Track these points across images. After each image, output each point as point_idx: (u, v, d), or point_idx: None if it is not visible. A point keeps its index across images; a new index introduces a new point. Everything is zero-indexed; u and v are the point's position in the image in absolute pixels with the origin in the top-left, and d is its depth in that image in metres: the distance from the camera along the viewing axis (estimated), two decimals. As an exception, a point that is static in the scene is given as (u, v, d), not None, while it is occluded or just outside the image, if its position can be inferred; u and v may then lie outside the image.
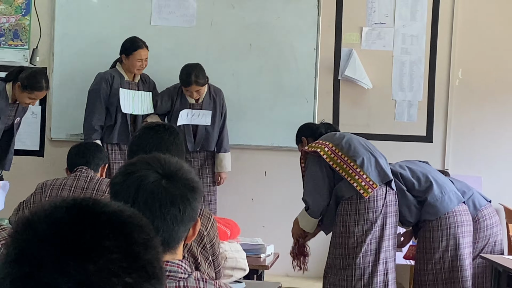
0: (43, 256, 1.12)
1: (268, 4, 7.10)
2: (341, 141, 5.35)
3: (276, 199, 7.23)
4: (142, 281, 1.16)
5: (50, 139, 7.17)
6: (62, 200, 1.20)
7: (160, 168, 2.11)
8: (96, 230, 1.15)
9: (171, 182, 2.09)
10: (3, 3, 7.09)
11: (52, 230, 1.14)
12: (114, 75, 6.69)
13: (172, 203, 2.06)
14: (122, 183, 2.11)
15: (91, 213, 1.18)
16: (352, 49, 7.16)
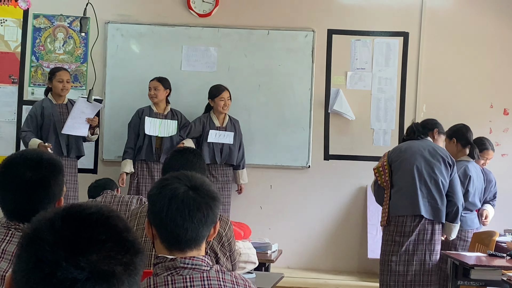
0: (57, 259, 1.14)
1: (272, 54, 7.06)
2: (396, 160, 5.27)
3: (280, 207, 7.17)
4: (133, 258, 1.20)
5: (102, 160, 7.14)
6: (55, 212, 1.21)
7: (188, 182, 2.10)
8: (91, 229, 1.18)
9: (197, 193, 2.08)
10: (65, 53, 7.09)
11: (58, 238, 1.17)
12: (144, 109, 6.66)
13: (198, 209, 2.06)
14: (158, 194, 2.10)
15: (82, 217, 1.20)
16: (339, 89, 7.10)
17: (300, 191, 7.15)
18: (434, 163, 5.16)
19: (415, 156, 5.18)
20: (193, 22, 7.09)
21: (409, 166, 5.16)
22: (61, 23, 7.09)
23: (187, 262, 2.02)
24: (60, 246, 1.15)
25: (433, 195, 5.11)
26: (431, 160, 5.16)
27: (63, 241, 1.16)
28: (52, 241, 1.16)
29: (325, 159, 7.17)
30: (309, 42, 7.08)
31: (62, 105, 6.39)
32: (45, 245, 1.16)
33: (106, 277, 1.16)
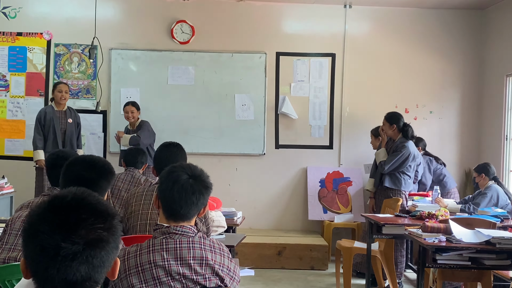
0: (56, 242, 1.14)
1: (236, 71, 6.96)
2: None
3: (243, 184, 7.10)
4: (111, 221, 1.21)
5: (109, 152, 6.96)
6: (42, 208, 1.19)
7: (190, 172, 2.06)
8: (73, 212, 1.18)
9: (195, 181, 2.04)
10: (80, 72, 6.95)
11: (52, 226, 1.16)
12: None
13: (192, 193, 2.02)
14: (166, 177, 2.05)
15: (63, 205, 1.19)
16: (285, 96, 7.04)
17: (258, 172, 7.07)
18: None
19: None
20: (176, 48, 6.99)
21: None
22: (75, 50, 6.96)
23: (178, 229, 1.99)
24: (56, 232, 1.14)
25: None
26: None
27: (56, 228, 1.15)
28: (48, 230, 1.14)
29: (276, 148, 7.10)
30: (263, 62, 7.03)
31: (61, 111, 6.17)
32: (44, 235, 1.14)
33: (96, 242, 1.16)
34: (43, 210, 1.17)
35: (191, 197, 2.00)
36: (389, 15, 7.09)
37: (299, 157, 7.05)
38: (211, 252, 2.00)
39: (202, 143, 6.92)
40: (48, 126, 6.00)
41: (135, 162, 4.66)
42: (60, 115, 6.10)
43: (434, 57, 7.10)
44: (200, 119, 6.93)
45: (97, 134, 6.93)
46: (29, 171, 6.35)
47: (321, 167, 7.01)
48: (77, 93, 6.96)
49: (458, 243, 3.69)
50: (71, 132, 6.13)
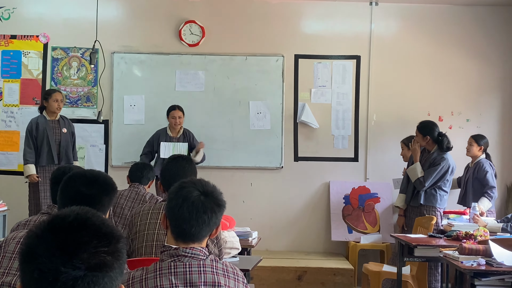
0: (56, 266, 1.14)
1: (250, 75, 6.98)
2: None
3: (259, 201, 7.08)
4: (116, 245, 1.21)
5: (111, 166, 7.00)
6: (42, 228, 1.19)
7: (201, 188, 2.06)
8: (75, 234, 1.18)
9: (206, 198, 2.04)
10: (79, 79, 7.01)
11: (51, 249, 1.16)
12: (160, 133, 6.47)
13: (204, 211, 2.02)
14: (175, 193, 2.05)
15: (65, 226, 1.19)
16: (305, 103, 7.04)
17: (275, 187, 7.04)
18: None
19: None
20: (184, 51, 7.00)
21: None
22: (75, 54, 7.01)
23: (187, 251, 1.99)
24: (55, 256, 1.14)
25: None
26: None
27: (56, 251, 1.15)
28: (47, 253, 1.14)
29: (295, 161, 7.07)
30: (280, 65, 7.01)
31: (55, 121, 6.18)
32: (43, 258, 1.14)
33: (99, 268, 1.15)
34: (42, 231, 1.18)
35: (203, 215, 2.00)
36: (419, 12, 7.08)
37: (321, 170, 7.03)
38: (224, 277, 2.00)
39: (213, 155, 6.89)
40: (41, 137, 6.02)
41: (141, 177, 4.66)
42: (53, 125, 6.12)
43: (470, 59, 7.08)
44: (211, 129, 6.93)
45: (98, 146, 6.97)
46: (23, 187, 6.37)
47: (345, 182, 6.99)
48: (76, 101, 7.02)
49: (499, 267, 3.69)
50: (66, 143, 6.15)
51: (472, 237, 4.48)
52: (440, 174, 5.38)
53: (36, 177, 5.86)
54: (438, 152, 5.46)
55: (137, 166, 4.80)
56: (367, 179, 7.01)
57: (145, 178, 4.70)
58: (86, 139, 6.90)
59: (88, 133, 6.93)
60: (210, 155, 6.84)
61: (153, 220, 3.00)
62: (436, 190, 5.42)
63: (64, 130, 6.16)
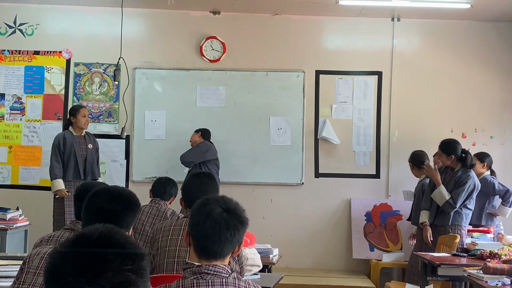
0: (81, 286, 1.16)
1: (270, 91, 6.95)
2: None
3: (279, 218, 7.00)
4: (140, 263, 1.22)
5: (132, 181, 6.98)
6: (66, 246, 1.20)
7: (224, 205, 2.05)
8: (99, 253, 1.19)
9: (229, 215, 2.03)
10: (101, 94, 7.03)
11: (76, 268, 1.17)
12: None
13: (227, 229, 2.01)
14: (198, 210, 2.05)
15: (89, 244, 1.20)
16: (326, 119, 6.99)
17: (295, 203, 6.98)
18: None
19: None
20: (205, 66, 6.99)
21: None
22: (97, 69, 7.01)
23: (210, 269, 1.97)
24: (80, 275, 1.15)
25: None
26: None
27: (81, 270, 1.15)
28: (73, 272, 1.15)
29: (315, 177, 7.03)
30: (301, 81, 6.98)
31: (81, 137, 6.19)
32: (68, 277, 1.15)
33: (124, 286, 1.16)
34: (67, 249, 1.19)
35: (225, 233, 2.00)
36: (441, 28, 7.03)
37: (342, 187, 6.97)
38: None
39: (233, 171, 6.87)
40: (68, 153, 6.02)
41: (163, 192, 4.60)
42: (80, 141, 6.14)
43: (493, 75, 7.01)
44: (231, 144, 6.90)
45: (119, 161, 6.96)
46: (45, 201, 6.36)
47: (366, 199, 6.93)
48: (98, 117, 7.02)
49: (525, 287, 3.63)
50: (92, 159, 6.16)
51: (497, 256, 4.42)
52: (468, 193, 5.31)
53: (66, 192, 5.86)
54: (463, 170, 5.38)
55: (160, 181, 4.71)
56: (389, 196, 6.93)
57: (168, 194, 4.64)
58: (107, 154, 6.88)
59: (109, 148, 6.92)
60: (231, 170, 6.83)
61: (175, 236, 2.99)
62: (462, 208, 5.34)
63: (90, 146, 6.17)
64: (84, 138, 6.17)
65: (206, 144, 6.44)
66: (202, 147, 6.40)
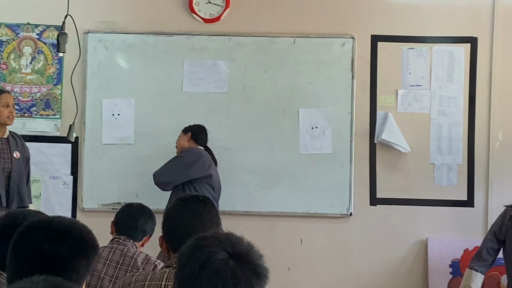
0: None
1: (300, 68, 6.23)
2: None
3: (313, 268, 6.34)
4: None
5: (82, 209, 6.24)
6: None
7: (230, 247, 1.86)
8: None
9: (238, 263, 1.84)
10: (34, 72, 6.31)
11: None
12: None
13: (234, 285, 1.83)
14: (190, 256, 1.90)
15: None
16: (388, 112, 6.25)
17: (339, 246, 6.33)
18: None
19: None
20: (197, 29, 6.30)
21: None
22: (28, 34, 6.31)
23: None
24: None
25: None
26: None
27: None
28: None
29: (371, 204, 6.33)
30: (348, 52, 6.24)
31: (3, 140, 5.61)
32: None
33: None
34: None
35: None
36: None
37: (414, 221, 6.32)
38: None
39: (241, 194, 6.28)
40: None
41: (133, 228, 4.23)
42: (1, 147, 5.66)
43: None
44: (239, 152, 6.28)
45: (61, 178, 6.31)
46: None
47: (453, 240, 6.30)
48: (29, 108, 6.33)
49: None
50: (19, 175, 5.66)
51: None
52: None
53: None
54: None
55: (129, 210, 4.34)
56: (489, 236, 6.59)
57: (140, 231, 4.27)
58: (43, 167, 6.27)
59: (46, 158, 6.31)
60: (237, 194, 6.30)
61: None
62: None
63: (17, 154, 5.67)
64: (7, 142, 5.66)
65: (194, 153, 5.90)
66: (186, 157, 5.87)
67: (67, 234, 2.17)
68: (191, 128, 5.96)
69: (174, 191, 5.80)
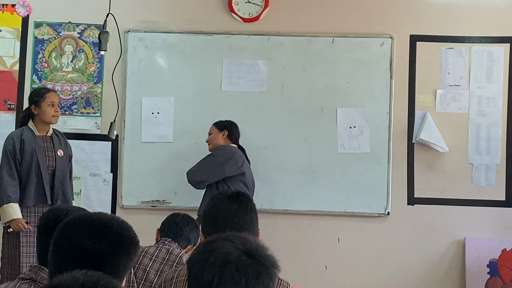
0: None
1: (339, 68, 6.23)
2: None
3: (350, 267, 6.34)
4: None
5: (121, 206, 6.24)
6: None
7: (240, 245, 1.94)
8: None
9: (252, 258, 1.92)
10: (75, 71, 6.33)
11: None
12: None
13: (257, 277, 1.92)
14: (206, 260, 1.91)
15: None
16: (427, 111, 6.26)
17: (376, 245, 6.32)
18: None
19: None
20: (236, 28, 6.30)
21: None
22: (69, 32, 6.31)
23: None
24: None
25: None
26: None
27: None
28: None
29: (409, 204, 6.32)
30: (387, 52, 6.24)
31: (47, 138, 5.56)
32: None
33: None
34: None
35: (257, 283, 1.90)
36: None
37: (452, 220, 6.31)
38: None
39: (278, 193, 6.28)
40: (28, 163, 5.55)
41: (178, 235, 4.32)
42: (45, 145, 5.61)
43: None
44: (277, 151, 6.29)
45: (101, 176, 6.33)
46: None
47: (491, 240, 6.32)
48: (70, 106, 6.35)
49: None
50: (63, 173, 5.64)
51: None
52: None
53: (24, 224, 5.42)
54: None
55: (175, 219, 4.43)
56: None
57: (184, 239, 4.36)
58: (83, 164, 6.29)
59: (87, 156, 6.34)
60: (273, 193, 6.31)
61: None
62: None
63: (60, 153, 5.64)
64: (51, 141, 5.62)
65: (227, 151, 5.88)
66: (219, 155, 5.85)
67: (108, 230, 2.18)
68: (227, 126, 5.94)
69: (207, 189, 5.80)
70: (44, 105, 5.49)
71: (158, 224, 4.49)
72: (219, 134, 5.88)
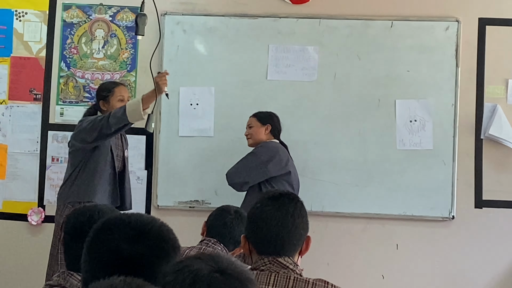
0: None
1: (398, 55, 5.99)
2: None
3: (409, 275, 6.07)
4: None
5: (157, 207, 6.05)
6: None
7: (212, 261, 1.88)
8: None
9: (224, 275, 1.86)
10: (107, 58, 6.16)
11: None
12: None
13: None
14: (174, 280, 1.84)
15: None
16: (497, 104, 5.99)
17: (439, 253, 6.04)
18: None
19: None
20: (284, 11, 6.09)
21: None
22: (100, 16, 6.14)
23: None
24: None
25: None
26: None
27: None
28: None
29: (476, 207, 6.04)
30: (452, 37, 5.97)
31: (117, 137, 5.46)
32: None
33: None
34: None
35: None
36: None
37: None
38: None
39: (331, 193, 6.07)
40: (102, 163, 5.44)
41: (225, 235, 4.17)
42: (117, 142, 5.52)
43: None
44: (328, 147, 6.06)
45: (134, 173, 6.09)
46: (12, 235, 6.06)
47: None
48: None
49: None
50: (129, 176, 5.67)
51: None
52: None
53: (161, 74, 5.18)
54: None
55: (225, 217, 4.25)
56: None
57: (232, 241, 4.18)
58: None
59: None
60: (327, 193, 6.09)
61: None
62: None
63: (126, 153, 5.60)
64: (121, 139, 5.55)
65: (270, 149, 5.65)
66: (261, 154, 5.61)
67: (146, 233, 2.12)
68: (270, 119, 5.68)
69: (250, 190, 5.58)
70: (114, 100, 5.37)
71: (197, 227, 4.27)
72: (262, 129, 5.60)
